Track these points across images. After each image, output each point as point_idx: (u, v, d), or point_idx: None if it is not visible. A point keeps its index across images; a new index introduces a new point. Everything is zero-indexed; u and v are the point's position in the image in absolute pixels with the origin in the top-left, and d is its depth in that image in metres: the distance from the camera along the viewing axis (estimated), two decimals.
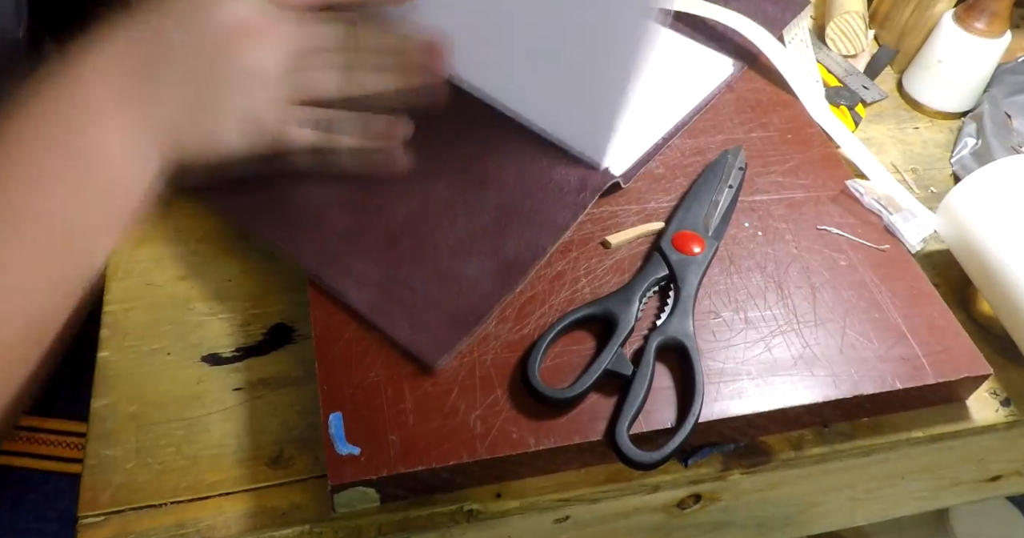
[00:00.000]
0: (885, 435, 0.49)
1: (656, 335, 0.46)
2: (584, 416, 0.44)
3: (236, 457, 0.44)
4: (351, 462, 0.41)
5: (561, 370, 0.45)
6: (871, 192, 0.56)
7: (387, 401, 0.43)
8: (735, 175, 0.56)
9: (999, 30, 0.67)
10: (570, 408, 0.44)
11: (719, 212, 0.53)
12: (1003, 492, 0.60)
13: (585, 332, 0.47)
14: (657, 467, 0.42)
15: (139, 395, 0.46)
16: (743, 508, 0.51)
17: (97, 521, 0.42)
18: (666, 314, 0.48)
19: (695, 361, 0.45)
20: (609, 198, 0.55)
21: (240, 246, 0.53)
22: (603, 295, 0.49)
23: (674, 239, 0.51)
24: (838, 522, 0.58)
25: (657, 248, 0.51)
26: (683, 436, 0.43)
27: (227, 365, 0.48)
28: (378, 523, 0.43)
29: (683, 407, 0.44)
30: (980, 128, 0.68)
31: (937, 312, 0.50)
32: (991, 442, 0.53)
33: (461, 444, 0.42)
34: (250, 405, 0.47)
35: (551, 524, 0.47)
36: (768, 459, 0.47)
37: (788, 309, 0.50)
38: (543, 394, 0.43)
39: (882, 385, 0.47)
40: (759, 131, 0.61)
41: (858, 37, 0.72)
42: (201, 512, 0.42)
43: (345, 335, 0.46)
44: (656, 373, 0.45)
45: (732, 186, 0.55)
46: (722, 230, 0.53)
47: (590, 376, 0.44)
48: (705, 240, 0.51)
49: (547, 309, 0.48)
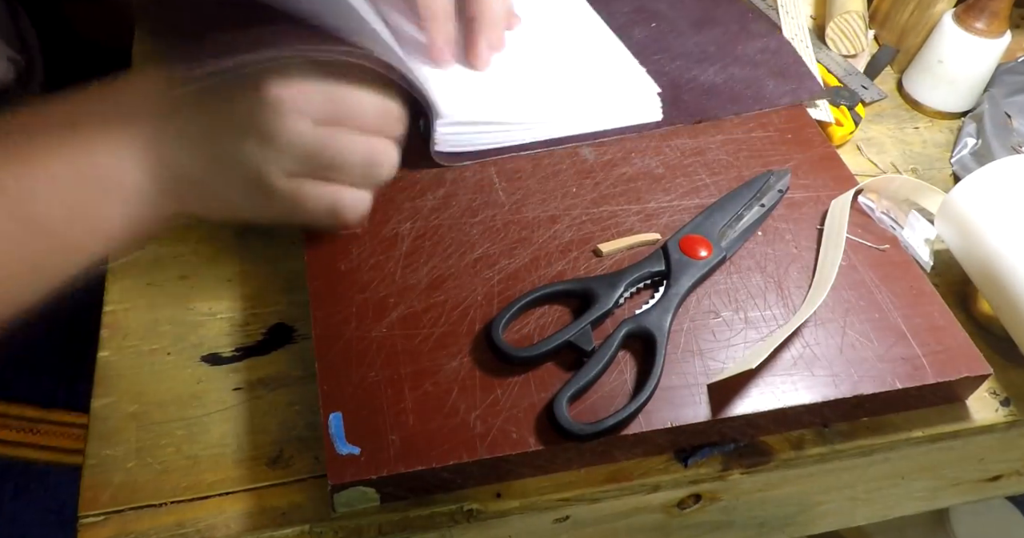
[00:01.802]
0: (885, 435, 0.49)
1: (629, 322, 0.46)
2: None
3: (236, 457, 0.44)
4: (351, 462, 0.41)
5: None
6: (881, 207, 0.56)
7: (387, 401, 0.43)
8: (772, 196, 0.55)
9: (999, 30, 0.67)
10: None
11: (740, 227, 0.53)
12: (1003, 492, 0.60)
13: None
14: (590, 439, 0.42)
15: (139, 395, 0.46)
16: (743, 508, 0.51)
17: (97, 521, 0.42)
18: (647, 306, 0.48)
19: (658, 355, 0.45)
20: (609, 198, 0.55)
21: (240, 246, 0.53)
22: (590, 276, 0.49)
23: (682, 240, 0.51)
24: (838, 522, 0.58)
25: (663, 246, 0.51)
26: (620, 417, 0.42)
27: (227, 365, 0.48)
28: (378, 523, 0.43)
29: (635, 391, 0.44)
30: (980, 128, 0.68)
31: (937, 312, 0.50)
32: (991, 442, 0.53)
33: (461, 444, 0.42)
34: (250, 405, 0.47)
35: (551, 524, 0.47)
36: (768, 459, 0.47)
37: (788, 309, 0.50)
38: (501, 349, 0.45)
39: (882, 385, 0.47)
40: (759, 131, 0.61)
41: (858, 37, 0.72)
42: (201, 512, 0.42)
43: (345, 335, 0.46)
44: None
45: (764, 205, 0.54)
46: (737, 244, 0.52)
47: (549, 343, 0.45)
48: (714, 248, 0.51)
49: (547, 309, 0.48)
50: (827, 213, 0.55)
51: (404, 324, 0.47)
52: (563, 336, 0.45)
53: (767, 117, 0.62)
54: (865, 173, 0.65)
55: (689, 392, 0.45)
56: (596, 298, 0.47)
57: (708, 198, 0.55)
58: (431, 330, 0.46)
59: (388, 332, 0.46)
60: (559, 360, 0.46)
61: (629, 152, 0.58)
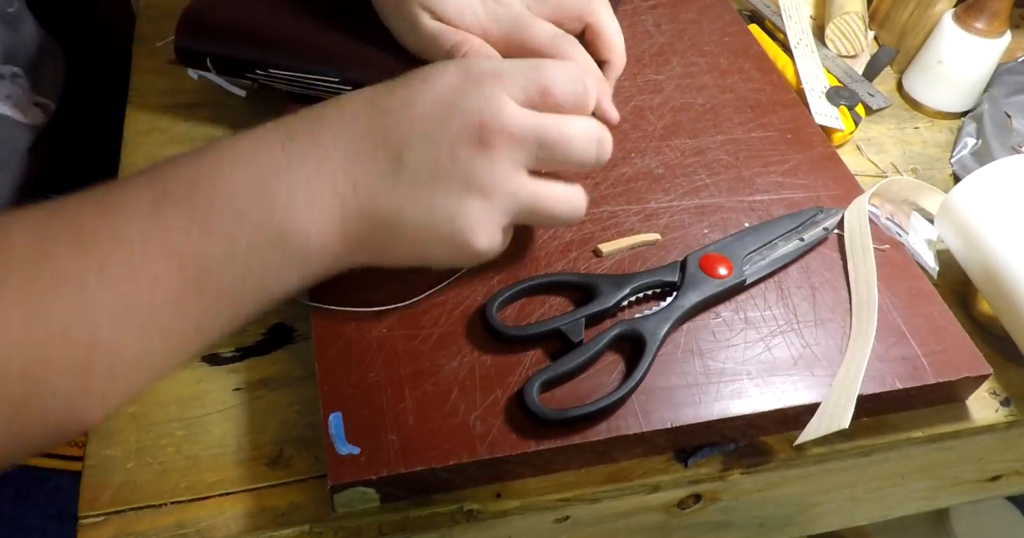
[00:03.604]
0: (885, 435, 0.49)
1: (624, 324, 0.46)
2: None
3: (236, 457, 0.44)
4: (351, 462, 0.41)
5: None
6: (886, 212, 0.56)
7: (387, 401, 0.43)
8: (815, 233, 0.52)
9: (999, 30, 0.67)
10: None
11: (771, 258, 0.51)
12: (1003, 492, 0.60)
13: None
14: (557, 425, 0.43)
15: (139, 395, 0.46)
16: (743, 508, 0.51)
17: (97, 521, 0.42)
18: (648, 313, 0.48)
19: (644, 359, 0.45)
20: (609, 198, 0.55)
21: None
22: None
23: (704, 257, 0.50)
24: (838, 522, 0.58)
25: (683, 259, 0.50)
26: (588, 410, 0.42)
27: (227, 365, 0.48)
28: (378, 523, 0.43)
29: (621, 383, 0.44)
30: (980, 128, 0.68)
31: (937, 312, 0.50)
32: (991, 442, 0.53)
33: (461, 444, 0.42)
34: (250, 405, 0.47)
35: (551, 524, 0.47)
36: (768, 459, 0.47)
37: (788, 309, 0.50)
38: (491, 324, 0.45)
39: (882, 385, 0.47)
40: (759, 131, 0.61)
41: (858, 38, 0.72)
42: (201, 512, 0.42)
43: (345, 335, 0.46)
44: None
45: (804, 240, 0.52)
46: (761, 273, 0.50)
47: (539, 327, 0.46)
48: (734, 270, 0.49)
49: (547, 309, 0.48)
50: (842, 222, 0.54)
51: (404, 324, 0.47)
52: (554, 324, 0.46)
53: (767, 117, 0.62)
54: (865, 173, 0.65)
55: (689, 392, 0.45)
56: (598, 295, 0.47)
57: (708, 198, 0.55)
58: (431, 330, 0.46)
59: (388, 332, 0.46)
60: (549, 352, 0.46)
61: (629, 152, 0.58)
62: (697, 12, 0.71)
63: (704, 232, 0.53)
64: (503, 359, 0.45)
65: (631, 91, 0.63)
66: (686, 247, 0.52)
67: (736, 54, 0.67)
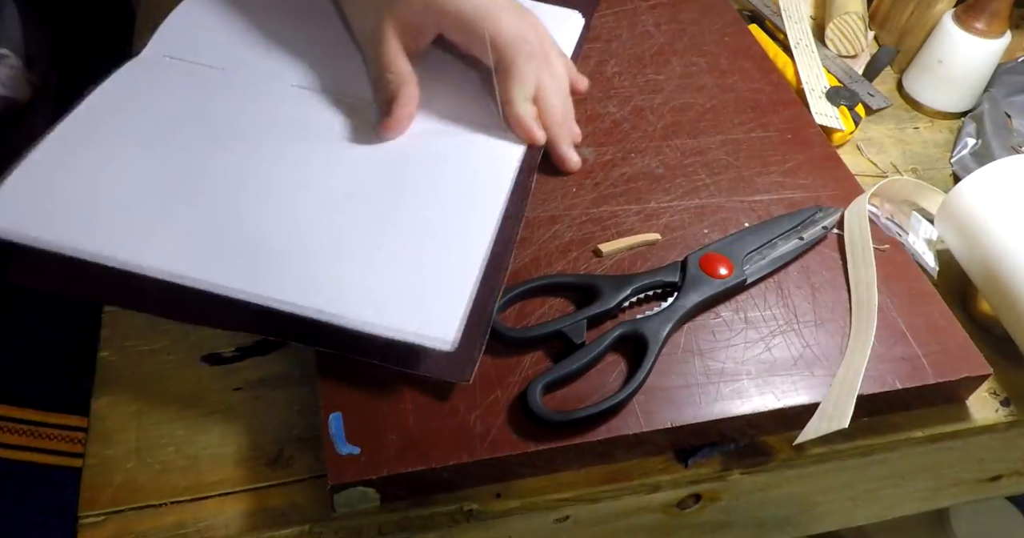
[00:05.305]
0: (885, 435, 0.49)
1: (626, 325, 0.46)
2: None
3: (236, 457, 0.44)
4: (351, 462, 0.41)
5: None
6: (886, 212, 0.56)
7: (387, 401, 0.43)
8: (814, 232, 0.52)
9: (999, 30, 0.67)
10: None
11: (771, 257, 0.51)
12: (1003, 492, 0.60)
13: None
14: (561, 427, 0.43)
15: (139, 395, 0.46)
16: (743, 508, 0.51)
17: (97, 521, 0.42)
18: (649, 313, 0.48)
19: (647, 359, 0.45)
20: (609, 198, 0.55)
21: None
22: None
23: (704, 257, 0.50)
24: (838, 522, 0.58)
25: (683, 259, 0.50)
26: (592, 411, 0.42)
27: (227, 365, 0.48)
28: (378, 523, 0.43)
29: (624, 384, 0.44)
30: (980, 128, 0.68)
31: (937, 312, 0.50)
32: (991, 442, 0.53)
33: (461, 444, 0.42)
34: (250, 405, 0.47)
35: (551, 524, 0.47)
36: (768, 459, 0.47)
37: (788, 309, 0.50)
38: (493, 327, 0.45)
39: (882, 385, 0.47)
40: (759, 131, 0.61)
41: (858, 38, 0.72)
42: (201, 512, 0.42)
43: None
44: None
45: (803, 239, 0.52)
46: (762, 272, 0.50)
47: (541, 329, 0.46)
48: (735, 270, 0.50)
49: (546, 309, 0.48)
50: (842, 221, 0.54)
51: None
52: (556, 325, 0.46)
53: (767, 117, 0.62)
54: (865, 173, 0.65)
55: (689, 392, 0.45)
56: (599, 296, 0.47)
57: (708, 198, 0.55)
58: None
59: None
60: (552, 354, 0.46)
61: (629, 152, 0.58)
62: (697, 12, 0.71)
63: (704, 232, 0.53)
64: (504, 359, 0.45)
65: (631, 91, 0.63)
66: (686, 247, 0.52)
67: (736, 54, 0.67)
